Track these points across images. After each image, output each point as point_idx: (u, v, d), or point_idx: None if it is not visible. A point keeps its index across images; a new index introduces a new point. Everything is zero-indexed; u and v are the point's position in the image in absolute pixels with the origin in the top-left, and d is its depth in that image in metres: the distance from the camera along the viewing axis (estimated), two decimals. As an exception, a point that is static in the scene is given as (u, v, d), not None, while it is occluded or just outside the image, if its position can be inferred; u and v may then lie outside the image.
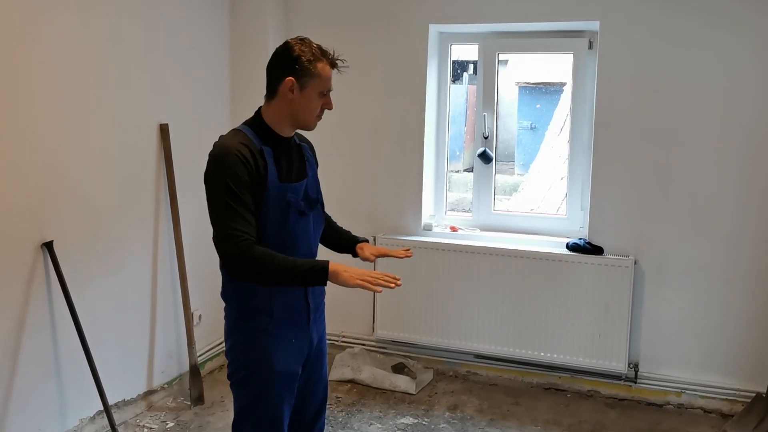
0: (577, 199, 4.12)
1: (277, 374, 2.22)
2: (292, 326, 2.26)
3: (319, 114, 2.25)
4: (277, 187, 2.15)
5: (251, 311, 2.21)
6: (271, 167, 2.14)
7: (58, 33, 3.07)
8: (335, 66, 2.23)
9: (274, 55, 2.24)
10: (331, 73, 2.22)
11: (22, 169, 2.95)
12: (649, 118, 3.79)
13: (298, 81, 2.16)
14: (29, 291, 3.01)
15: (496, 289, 4.05)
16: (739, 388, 3.75)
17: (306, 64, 2.15)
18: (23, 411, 3.01)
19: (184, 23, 3.86)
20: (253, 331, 2.21)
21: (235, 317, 2.25)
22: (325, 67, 2.19)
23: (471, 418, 3.74)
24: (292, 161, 2.26)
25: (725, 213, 3.72)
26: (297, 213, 2.21)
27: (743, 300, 3.73)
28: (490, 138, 4.23)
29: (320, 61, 2.18)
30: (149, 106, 3.65)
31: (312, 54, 2.17)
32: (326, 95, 2.23)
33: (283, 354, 2.23)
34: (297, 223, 2.22)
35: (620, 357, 3.85)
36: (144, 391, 3.73)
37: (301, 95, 2.18)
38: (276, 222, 2.16)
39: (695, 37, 3.66)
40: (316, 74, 2.17)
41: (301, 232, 2.24)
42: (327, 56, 2.20)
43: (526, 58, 7.12)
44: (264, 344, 2.21)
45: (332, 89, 2.24)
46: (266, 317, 2.20)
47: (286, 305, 2.23)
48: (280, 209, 2.17)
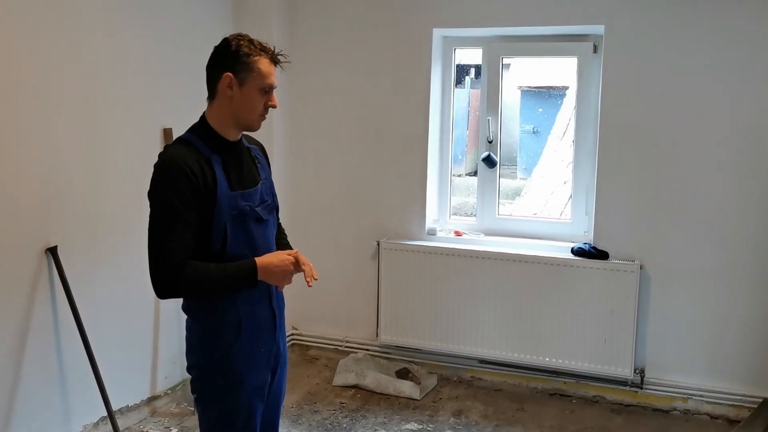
0: (582, 204, 4.10)
1: (248, 389, 2.14)
2: (261, 336, 2.18)
3: (263, 113, 2.14)
4: (228, 196, 2.05)
5: (217, 325, 2.10)
6: (220, 177, 2.04)
7: (62, 40, 3.07)
8: (276, 62, 2.13)
9: (212, 52, 2.15)
10: (271, 69, 2.11)
11: (26, 174, 2.94)
12: (654, 123, 3.77)
13: (236, 77, 2.06)
14: (33, 296, 3.00)
15: (501, 294, 4.03)
16: (746, 394, 3.73)
17: (244, 58, 2.06)
18: (27, 416, 2.99)
19: (187, 28, 3.85)
20: (221, 346, 2.10)
21: (200, 330, 2.13)
22: (264, 61, 2.08)
23: (476, 423, 3.72)
24: (242, 167, 2.16)
25: (732, 218, 3.70)
26: (254, 220, 2.13)
27: (749, 306, 3.71)
28: (494, 142, 4.22)
29: (259, 56, 2.07)
30: (153, 111, 3.63)
31: (250, 48, 2.07)
32: (268, 92, 2.12)
33: (254, 366, 2.15)
34: (255, 230, 2.14)
35: (626, 362, 3.83)
36: (147, 396, 3.71)
37: (240, 92, 2.07)
38: (234, 233, 2.07)
39: (700, 41, 3.65)
40: (254, 69, 2.06)
41: (260, 240, 2.16)
42: (267, 51, 2.10)
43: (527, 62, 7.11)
44: (233, 359, 2.11)
45: (275, 86, 2.13)
46: (234, 330, 2.10)
47: (254, 315, 2.14)
48: (236, 219, 2.07)
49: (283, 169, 4.46)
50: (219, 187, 2.03)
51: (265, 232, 2.20)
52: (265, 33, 4.20)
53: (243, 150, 2.20)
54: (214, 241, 2.03)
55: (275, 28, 4.27)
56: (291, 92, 4.45)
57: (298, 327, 4.67)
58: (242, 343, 2.12)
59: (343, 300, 4.53)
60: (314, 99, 4.43)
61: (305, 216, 4.54)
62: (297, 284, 2.95)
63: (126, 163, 3.48)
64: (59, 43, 3.06)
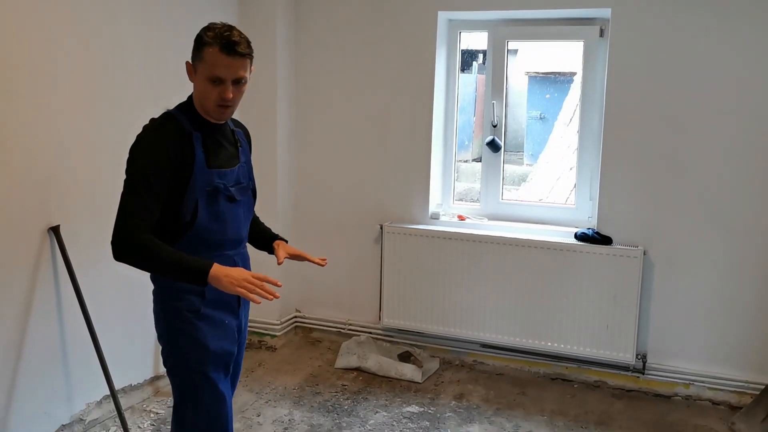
0: (586, 189, 4.08)
1: (212, 354, 2.20)
2: (224, 308, 2.25)
3: (218, 103, 2.11)
4: (204, 172, 2.13)
5: (181, 292, 2.17)
6: (199, 152, 2.11)
7: (66, 22, 3.07)
8: (228, 51, 2.05)
9: None
10: (220, 59, 2.05)
11: (29, 154, 2.95)
12: (660, 108, 3.75)
13: (192, 64, 2.13)
14: (36, 275, 3.01)
15: (504, 279, 4.03)
16: (748, 380, 3.72)
17: (196, 47, 2.10)
18: (30, 395, 3.02)
19: (192, 13, 3.84)
20: (184, 313, 2.18)
21: (164, 298, 2.21)
22: (213, 51, 2.05)
23: (477, 407, 3.73)
24: (222, 147, 2.22)
25: (736, 204, 3.68)
26: (225, 198, 2.20)
27: (753, 292, 3.70)
28: (498, 127, 4.20)
29: (208, 46, 2.06)
30: (156, 93, 3.62)
31: (202, 37, 2.09)
32: (219, 83, 2.08)
33: (217, 335, 2.22)
34: (226, 209, 2.21)
35: (628, 348, 3.83)
36: (151, 376, 3.74)
37: (196, 79, 2.13)
38: (204, 208, 2.14)
39: (709, 24, 3.61)
40: (201, 59, 2.08)
41: (231, 218, 2.23)
42: (219, 40, 2.05)
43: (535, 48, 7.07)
44: (196, 326, 2.18)
45: (223, 78, 2.06)
46: (197, 298, 2.17)
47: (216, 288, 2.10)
48: (209, 195, 2.15)
49: (287, 153, 4.46)
50: (196, 162, 2.10)
51: (236, 211, 2.25)
52: (270, 17, 4.22)
53: (225, 132, 2.26)
54: (184, 212, 2.11)
55: (281, 13, 4.25)
56: (295, 76, 4.44)
57: (302, 309, 4.69)
58: (205, 311, 2.19)
59: (346, 283, 4.54)
60: (318, 83, 4.42)
61: (309, 200, 4.54)
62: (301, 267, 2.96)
63: (129, 143, 3.46)
64: (62, 23, 3.05)
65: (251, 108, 4.24)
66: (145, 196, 2.04)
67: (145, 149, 2.08)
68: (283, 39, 4.30)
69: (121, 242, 2.04)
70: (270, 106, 4.29)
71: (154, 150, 2.07)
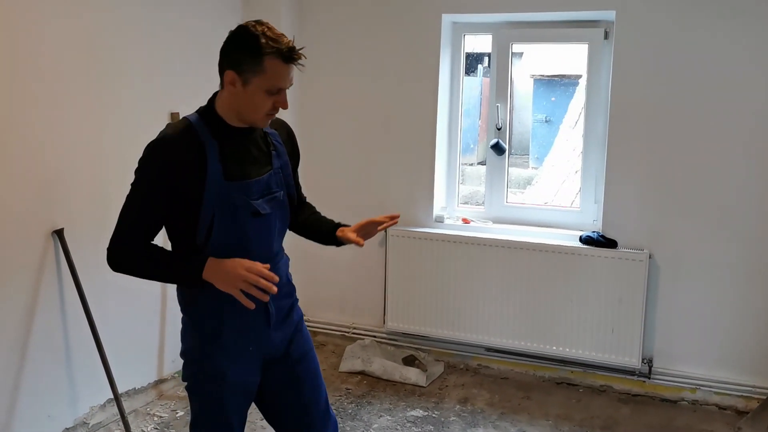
0: (591, 192, 4.07)
1: (228, 385, 2.05)
2: (249, 333, 2.06)
3: (269, 112, 1.96)
4: (221, 185, 1.92)
5: (201, 314, 2.04)
6: (214, 164, 1.91)
7: (67, 21, 3.07)
8: (291, 60, 1.89)
9: (226, 38, 1.96)
10: (283, 68, 1.89)
11: (32, 157, 2.95)
12: (665, 110, 3.73)
13: (240, 76, 1.89)
14: (40, 278, 3.02)
15: (508, 282, 4.01)
16: (755, 385, 3.69)
17: (251, 56, 1.86)
18: (33, 398, 3.02)
19: (196, 12, 3.84)
20: (205, 337, 2.04)
21: (186, 321, 2.09)
22: (275, 62, 1.87)
23: (481, 411, 3.71)
24: (247, 155, 2.01)
25: (742, 207, 3.66)
26: (248, 214, 1.98)
27: (759, 295, 3.67)
28: (503, 129, 4.19)
29: (269, 56, 1.86)
30: (160, 95, 3.64)
31: (261, 45, 1.85)
32: (277, 93, 1.93)
33: (236, 364, 2.05)
34: (250, 225, 1.99)
35: (634, 352, 3.81)
36: (155, 379, 3.73)
37: (244, 91, 1.90)
38: (222, 225, 1.95)
39: (714, 26, 3.59)
40: (261, 71, 1.87)
41: (256, 234, 2.01)
42: (280, 50, 1.86)
43: (540, 51, 7.07)
44: (214, 352, 2.03)
45: (285, 87, 1.93)
46: (216, 322, 2.02)
47: (239, 310, 1.95)
48: (227, 210, 1.95)
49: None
50: (209, 175, 1.91)
51: (264, 226, 2.04)
52: (274, 18, 4.19)
53: (252, 137, 2.05)
54: (199, 230, 1.94)
55: (285, 14, 4.25)
56: (299, 80, 4.42)
57: (306, 313, 4.64)
58: (225, 337, 2.03)
59: (351, 286, 4.53)
60: (322, 86, 4.41)
61: (312, 202, 4.51)
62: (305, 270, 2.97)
63: (133, 146, 3.44)
64: (65, 25, 3.06)
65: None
66: (141, 211, 1.94)
67: (148, 162, 1.93)
68: (287, 42, 4.30)
69: (111, 256, 1.96)
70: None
71: (157, 164, 1.91)
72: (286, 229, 2.19)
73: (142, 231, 1.96)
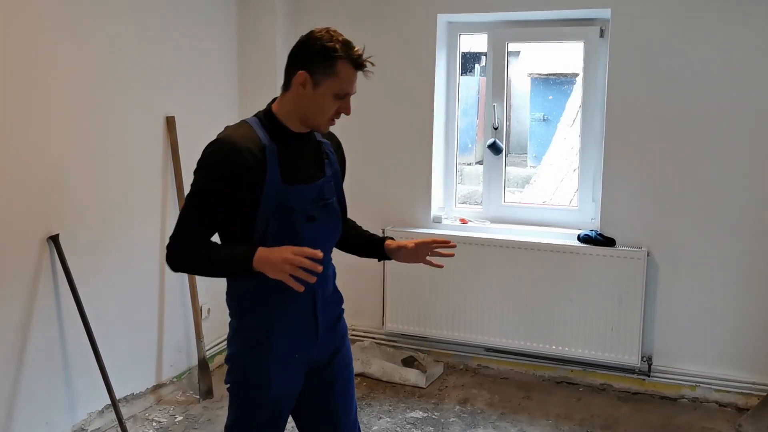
0: (589, 191, 4.06)
1: (274, 392, 2.05)
2: (296, 341, 2.06)
3: (333, 117, 2.02)
4: (279, 189, 1.94)
5: (249, 321, 2.05)
6: (273, 167, 1.93)
7: (63, 26, 3.06)
8: (360, 67, 1.97)
9: (296, 43, 2.01)
10: (353, 74, 1.96)
11: (27, 163, 2.94)
12: (662, 108, 3.72)
13: (312, 77, 1.93)
14: (35, 285, 3.00)
15: (507, 282, 4.00)
16: (755, 382, 3.68)
17: (324, 59, 1.92)
18: (31, 405, 3.01)
19: (191, 15, 3.84)
20: (251, 344, 2.04)
21: (234, 326, 2.09)
22: (346, 66, 1.93)
23: (481, 411, 3.70)
24: (303, 160, 2.04)
25: (740, 204, 3.65)
26: (303, 218, 2.00)
27: (759, 292, 3.66)
28: (500, 129, 4.18)
29: (342, 59, 1.92)
30: (156, 99, 3.63)
31: (333, 50, 1.91)
32: (344, 98, 1.98)
33: (281, 372, 2.04)
34: (304, 229, 2.00)
35: (633, 350, 3.80)
36: (153, 384, 3.72)
37: (313, 93, 1.95)
38: (278, 227, 1.96)
39: (710, 24, 3.59)
40: (333, 73, 1.93)
41: (308, 240, 1.98)
42: (351, 54, 1.94)
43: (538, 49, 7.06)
44: (260, 361, 2.03)
45: (352, 93, 1.99)
46: (264, 328, 2.02)
47: (288, 316, 2.02)
48: (283, 213, 1.96)
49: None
50: (268, 177, 1.92)
51: (316, 231, 2.04)
52: (269, 19, 4.21)
53: (309, 143, 2.08)
54: (255, 233, 1.94)
55: (280, 14, 4.23)
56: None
57: (305, 316, 4.66)
58: (273, 344, 2.02)
59: (349, 288, 4.43)
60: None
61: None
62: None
63: (128, 151, 3.48)
64: (60, 29, 3.05)
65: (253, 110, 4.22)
66: (199, 211, 1.95)
67: (208, 163, 1.94)
68: (282, 42, 4.28)
69: (169, 254, 1.96)
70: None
71: (217, 165, 1.92)
72: (336, 238, 2.20)
73: (200, 231, 1.97)
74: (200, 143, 4.09)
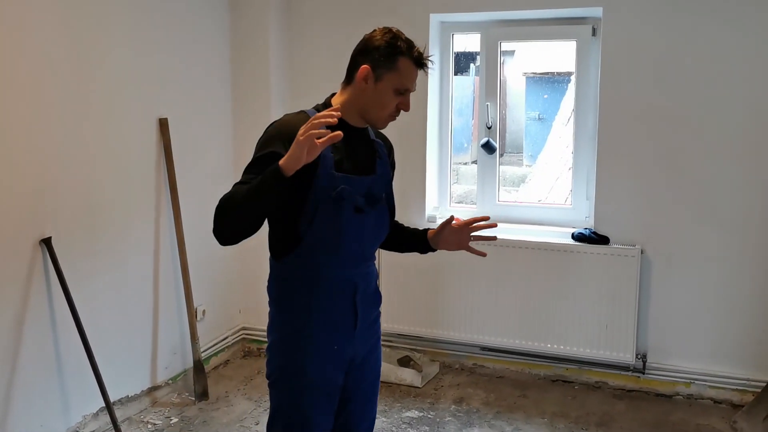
0: (583, 189, 4.06)
1: (310, 381, 2.06)
2: (335, 331, 2.08)
3: (393, 113, 2.07)
4: (330, 176, 1.98)
5: (289, 308, 2.08)
6: (328, 154, 1.97)
7: (55, 27, 3.06)
8: (421, 65, 2.04)
9: (361, 40, 2.08)
10: (413, 71, 2.03)
11: (19, 165, 2.94)
12: (654, 106, 3.73)
13: (374, 71, 2.00)
14: (28, 288, 3.00)
15: (502, 281, 4.01)
16: (750, 378, 3.69)
17: (386, 54, 1.99)
18: (25, 408, 3.01)
19: (183, 17, 3.84)
20: (290, 331, 2.07)
21: (273, 313, 2.12)
22: (408, 63, 2.01)
23: (477, 410, 3.70)
24: (357, 153, 2.09)
25: (733, 201, 3.66)
26: (352, 208, 2.03)
27: (752, 289, 3.67)
28: (494, 128, 4.18)
29: (403, 56, 2.00)
30: (148, 101, 3.63)
31: (396, 46, 1.99)
32: (404, 94, 2.04)
33: (321, 360, 2.07)
34: (350, 219, 2.03)
35: (628, 348, 3.80)
36: (148, 386, 3.72)
37: (375, 87, 2.01)
38: (325, 213, 1.99)
39: (701, 22, 3.59)
40: (395, 68, 1.99)
41: (353, 231, 2.04)
42: (412, 52, 2.01)
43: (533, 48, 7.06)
44: (299, 346, 2.06)
45: (412, 89, 2.04)
46: (304, 316, 2.05)
47: (329, 306, 2.06)
48: (332, 200, 1.99)
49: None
50: (322, 162, 1.95)
51: (362, 223, 2.07)
52: (262, 22, 4.21)
53: (364, 138, 2.14)
54: (303, 217, 1.97)
55: (272, 17, 4.24)
56: (288, 80, 4.42)
57: (300, 316, 4.66)
58: (312, 332, 2.06)
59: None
60: (310, 85, 4.39)
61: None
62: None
63: (121, 153, 3.48)
64: (53, 31, 3.04)
65: (245, 111, 4.25)
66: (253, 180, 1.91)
67: (267, 139, 1.98)
68: (275, 42, 4.29)
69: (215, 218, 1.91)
70: (264, 111, 4.25)
71: (278, 141, 1.94)
72: (382, 236, 2.21)
73: None
74: (193, 145, 4.11)
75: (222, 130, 4.22)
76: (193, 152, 3.91)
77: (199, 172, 3.95)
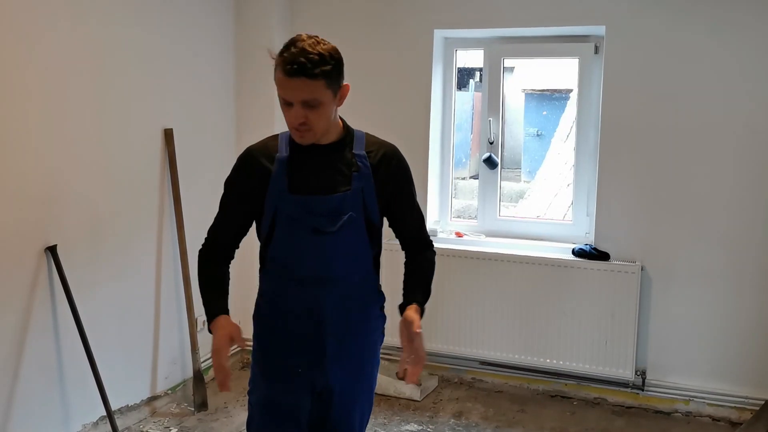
0: (583, 205, 4.09)
1: (267, 397, 2.05)
2: (300, 352, 2.01)
3: (295, 126, 1.89)
4: (282, 197, 1.94)
5: (258, 323, 2.11)
6: (280, 176, 1.93)
7: (61, 38, 3.08)
8: (289, 73, 1.82)
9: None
10: (285, 81, 1.83)
11: (26, 174, 2.95)
12: (656, 124, 3.76)
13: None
14: (32, 295, 3.00)
15: (502, 295, 4.02)
16: (748, 396, 3.70)
17: (274, 67, 1.89)
18: (26, 416, 3.00)
19: (188, 28, 3.87)
20: (256, 347, 2.10)
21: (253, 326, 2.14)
22: (279, 74, 1.85)
23: (476, 425, 3.71)
24: (324, 172, 1.97)
25: (733, 218, 3.68)
26: (309, 230, 1.94)
27: (752, 306, 3.69)
28: (495, 143, 4.21)
29: (277, 68, 1.86)
30: (154, 111, 3.65)
31: (278, 58, 1.86)
32: (288, 106, 1.87)
33: (279, 379, 2.03)
34: (307, 242, 1.95)
35: (627, 364, 3.81)
36: (148, 396, 3.71)
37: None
38: (281, 234, 1.97)
39: (702, 41, 3.64)
40: (276, 80, 1.88)
41: (313, 252, 1.96)
42: (282, 61, 1.84)
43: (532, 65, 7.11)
44: (262, 363, 2.09)
45: (289, 101, 1.86)
46: (267, 333, 2.08)
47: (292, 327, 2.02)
48: (287, 223, 1.95)
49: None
50: (271, 185, 1.95)
51: (324, 245, 1.96)
52: (265, 33, 4.23)
53: (337, 153, 1.99)
54: (261, 238, 2.06)
55: (276, 28, 4.26)
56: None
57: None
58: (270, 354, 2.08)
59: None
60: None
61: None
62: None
63: (126, 163, 3.49)
64: (60, 42, 3.07)
65: (249, 123, 4.26)
66: (222, 213, 2.10)
67: (231, 173, 2.08)
68: (279, 58, 4.31)
69: (200, 251, 2.12)
70: (267, 122, 4.26)
71: (235, 168, 2.06)
72: (363, 254, 2.05)
73: (223, 233, 2.09)
74: (198, 155, 4.13)
75: (226, 141, 4.24)
76: (197, 162, 3.93)
77: (202, 183, 3.96)
